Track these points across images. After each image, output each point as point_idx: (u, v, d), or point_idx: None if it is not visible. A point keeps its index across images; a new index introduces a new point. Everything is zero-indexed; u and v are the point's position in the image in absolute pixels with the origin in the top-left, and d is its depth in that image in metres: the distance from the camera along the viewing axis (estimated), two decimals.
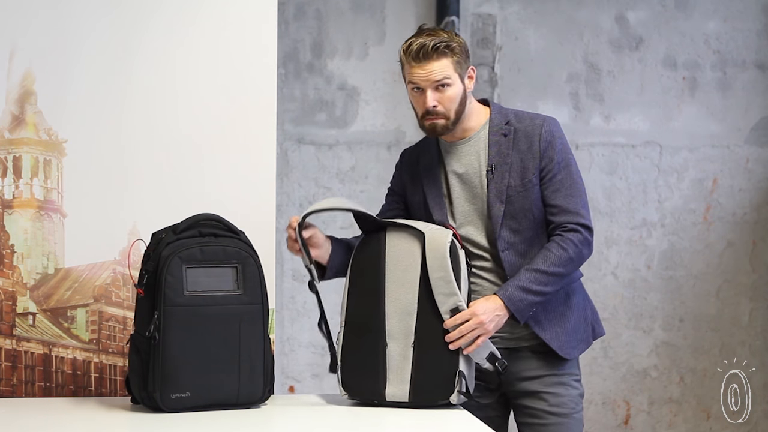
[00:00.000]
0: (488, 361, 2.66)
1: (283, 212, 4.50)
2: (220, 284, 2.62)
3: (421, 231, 2.71)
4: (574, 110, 4.68)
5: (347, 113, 4.57)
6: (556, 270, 2.70)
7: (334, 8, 4.55)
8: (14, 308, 2.91)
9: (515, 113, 2.82)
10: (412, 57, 2.69)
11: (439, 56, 2.68)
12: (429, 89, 2.69)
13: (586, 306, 2.84)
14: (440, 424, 2.57)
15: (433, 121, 2.71)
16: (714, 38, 4.77)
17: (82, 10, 2.93)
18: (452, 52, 2.69)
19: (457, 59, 2.70)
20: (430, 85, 2.68)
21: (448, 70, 2.69)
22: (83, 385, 2.94)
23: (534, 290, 2.68)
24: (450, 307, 2.65)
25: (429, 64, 2.68)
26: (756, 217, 4.80)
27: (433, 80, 2.68)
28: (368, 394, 2.72)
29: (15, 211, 2.93)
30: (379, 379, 2.69)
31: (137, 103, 2.96)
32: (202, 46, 2.99)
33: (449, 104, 2.71)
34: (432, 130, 2.73)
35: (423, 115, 2.72)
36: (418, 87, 2.70)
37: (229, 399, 2.63)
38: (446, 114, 2.71)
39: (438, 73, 2.68)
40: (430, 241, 2.69)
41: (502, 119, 2.79)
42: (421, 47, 2.67)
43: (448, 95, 2.70)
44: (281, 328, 4.52)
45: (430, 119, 2.71)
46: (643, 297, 4.75)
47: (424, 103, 2.70)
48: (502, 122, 2.79)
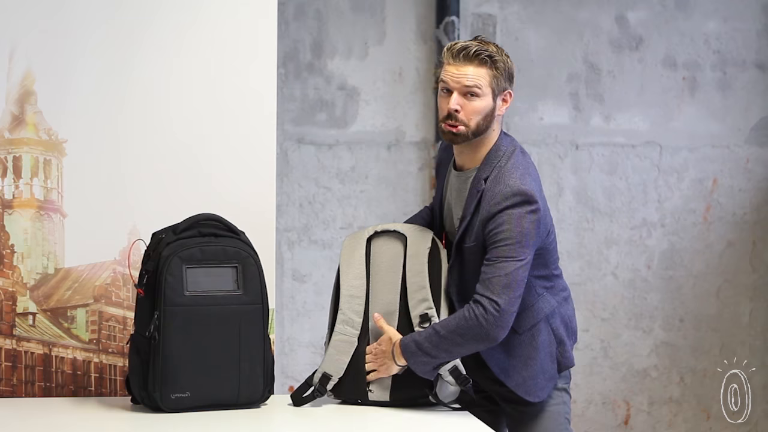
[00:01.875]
0: (451, 374, 2.63)
1: (283, 212, 4.50)
2: (220, 284, 2.62)
3: (403, 234, 2.74)
4: (574, 110, 4.68)
5: (347, 113, 4.57)
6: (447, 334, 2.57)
7: (334, 8, 4.55)
8: (14, 308, 2.91)
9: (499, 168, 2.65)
10: (452, 55, 2.61)
11: (479, 63, 2.60)
12: (456, 92, 2.61)
13: (551, 343, 2.72)
14: (441, 425, 2.57)
15: (451, 129, 2.62)
16: (714, 38, 4.77)
17: (83, 10, 2.92)
18: (494, 65, 2.61)
19: (496, 74, 2.61)
20: (460, 88, 2.60)
21: (482, 80, 2.60)
22: (83, 385, 2.93)
23: (423, 345, 2.60)
24: (420, 312, 2.67)
25: (465, 66, 2.60)
26: (756, 217, 4.80)
27: (464, 84, 2.60)
28: (353, 395, 2.73)
29: (15, 211, 2.93)
30: (363, 380, 2.70)
31: (137, 103, 2.96)
32: (201, 46, 2.99)
33: (472, 114, 2.62)
34: (450, 138, 2.65)
35: (443, 118, 2.64)
36: (448, 88, 2.63)
37: (229, 399, 2.63)
38: (466, 123, 2.62)
39: (471, 78, 2.60)
40: (411, 245, 2.72)
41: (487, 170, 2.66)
42: (464, 48, 2.61)
43: (473, 105, 2.61)
44: (281, 328, 4.52)
45: (450, 125, 2.62)
46: (643, 297, 4.74)
47: (447, 104, 2.62)
48: (483, 175, 2.66)
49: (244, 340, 2.63)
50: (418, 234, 2.74)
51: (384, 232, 2.78)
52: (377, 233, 2.78)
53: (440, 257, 2.71)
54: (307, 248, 4.53)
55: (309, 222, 4.55)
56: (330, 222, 4.55)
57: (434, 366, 2.61)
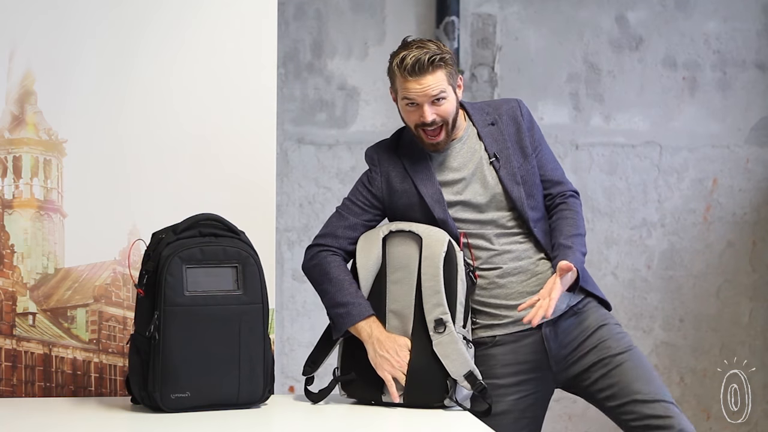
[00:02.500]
0: (466, 379, 2.64)
1: (283, 212, 4.50)
2: (220, 284, 2.62)
3: (419, 235, 2.72)
4: (574, 110, 4.68)
5: (347, 113, 4.57)
6: (584, 231, 2.81)
7: (334, 8, 4.55)
8: (14, 308, 2.91)
9: (486, 104, 2.88)
10: (407, 72, 2.67)
11: (435, 69, 2.67)
12: (426, 104, 2.68)
13: None
14: (441, 425, 2.57)
15: (434, 139, 2.72)
16: (714, 38, 4.77)
17: (82, 10, 2.93)
18: (446, 64, 2.69)
19: (450, 70, 2.71)
20: (427, 100, 2.68)
21: (443, 84, 2.69)
22: (83, 385, 2.93)
23: (584, 252, 2.76)
24: (434, 317, 2.66)
25: (425, 78, 2.67)
26: (756, 217, 4.80)
27: (430, 95, 2.68)
28: (366, 395, 2.72)
29: (15, 211, 2.93)
30: (377, 381, 2.69)
31: (137, 103, 2.96)
32: (202, 46, 2.99)
33: (446, 115, 2.71)
34: (435, 148, 2.75)
35: (418, 126, 2.72)
36: (414, 102, 2.69)
37: (229, 399, 2.63)
38: (445, 121, 2.71)
39: (434, 87, 2.67)
40: (426, 247, 2.71)
41: (481, 113, 2.84)
42: (417, 61, 2.66)
43: (444, 108, 2.71)
44: (281, 328, 4.52)
45: (431, 136, 2.72)
46: (643, 297, 4.74)
47: (420, 117, 2.69)
48: (482, 115, 2.83)
49: (244, 340, 2.63)
50: (433, 235, 2.72)
51: (399, 232, 2.77)
52: (392, 232, 2.78)
53: (456, 261, 2.70)
54: None
55: (309, 222, 4.55)
56: None
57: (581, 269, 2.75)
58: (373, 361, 2.68)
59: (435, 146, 2.75)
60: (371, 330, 2.70)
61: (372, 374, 2.69)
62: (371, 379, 2.70)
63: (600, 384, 2.78)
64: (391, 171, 2.83)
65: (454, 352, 2.64)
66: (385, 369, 2.67)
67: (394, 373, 2.67)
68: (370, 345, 2.69)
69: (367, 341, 2.69)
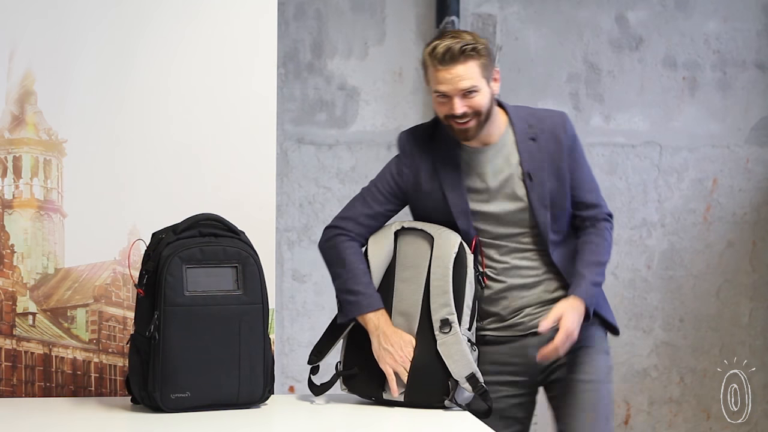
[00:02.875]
0: (468, 381, 2.64)
1: (283, 212, 4.50)
2: (220, 284, 2.62)
3: (431, 234, 2.72)
4: (574, 110, 4.68)
5: (347, 113, 4.57)
6: (607, 258, 2.78)
7: (334, 8, 4.55)
8: (14, 308, 2.91)
9: (530, 113, 2.79)
10: (438, 60, 2.62)
11: (466, 59, 2.61)
12: (456, 97, 2.63)
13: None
14: (441, 425, 2.57)
15: (464, 126, 2.65)
16: (714, 38, 4.77)
17: (82, 10, 2.93)
18: (479, 55, 2.63)
19: (484, 62, 2.64)
20: (457, 92, 2.63)
21: (475, 76, 2.62)
22: (83, 385, 2.93)
23: (599, 282, 2.74)
24: (441, 317, 2.66)
25: (455, 67, 2.61)
26: (756, 217, 4.80)
27: (461, 88, 2.62)
28: (367, 391, 2.73)
29: (15, 211, 2.93)
30: (379, 377, 2.69)
31: (137, 103, 2.96)
32: (201, 46, 2.99)
33: (478, 108, 2.65)
34: (464, 136, 2.68)
35: (448, 117, 2.66)
36: (445, 94, 2.64)
37: (229, 399, 2.63)
38: (477, 112, 2.65)
39: (465, 80, 2.61)
40: (438, 247, 2.70)
41: (524, 123, 2.76)
42: (447, 50, 2.61)
43: (476, 101, 2.64)
44: (281, 328, 4.52)
45: (461, 123, 2.65)
46: (643, 297, 4.74)
47: (451, 109, 2.64)
48: (525, 126, 2.75)
49: (244, 340, 2.63)
50: (444, 236, 2.71)
51: (411, 230, 2.76)
52: (404, 229, 2.77)
53: (466, 263, 2.70)
54: (307, 248, 4.53)
55: (309, 222, 4.55)
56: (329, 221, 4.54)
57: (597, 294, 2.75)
58: (377, 353, 2.68)
59: (465, 133, 2.67)
60: (378, 322, 2.69)
61: (374, 370, 2.69)
62: (373, 375, 2.70)
63: (554, 402, 2.82)
64: (422, 166, 2.78)
65: (458, 352, 2.64)
66: (387, 362, 2.67)
67: (396, 367, 2.67)
68: (376, 337, 2.68)
69: (372, 332, 2.69)
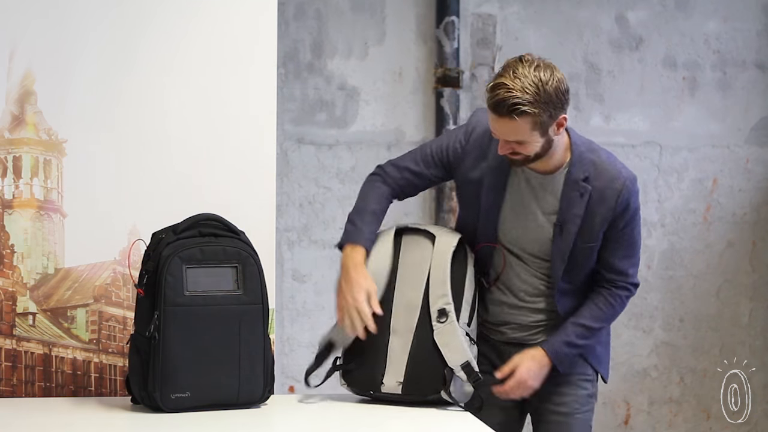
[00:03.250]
0: (463, 369, 2.65)
1: (283, 212, 4.50)
2: (220, 284, 2.62)
3: (433, 234, 2.75)
4: (574, 110, 4.67)
5: (347, 113, 4.57)
6: (600, 325, 2.78)
7: (334, 8, 4.55)
8: (14, 308, 2.91)
9: (595, 165, 2.68)
10: (490, 107, 2.54)
11: (515, 116, 2.50)
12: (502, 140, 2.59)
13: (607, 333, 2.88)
14: (441, 425, 2.57)
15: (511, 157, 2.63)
16: (714, 38, 4.77)
17: (82, 10, 2.92)
18: (530, 114, 2.50)
19: (537, 119, 2.52)
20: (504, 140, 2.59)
21: (523, 133, 2.53)
22: (83, 385, 2.93)
23: (577, 344, 2.74)
24: (438, 307, 2.68)
25: (503, 120, 2.52)
26: (756, 217, 4.80)
27: (506, 140, 2.58)
28: (366, 385, 2.73)
29: (15, 211, 2.93)
30: (377, 371, 2.70)
31: (137, 103, 2.96)
32: (201, 46, 2.99)
33: (526, 153, 2.60)
34: (511, 161, 2.65)
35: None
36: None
37: (229, 399, 2.63)
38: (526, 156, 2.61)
39: (511, 135, 2.55)
40: (439, 243, 2.73)
41: (582, 172, 2.67)
42: (499, 103, 2.50)
43: (523, 148, 2.59)
44: (281, 328, 4.52)
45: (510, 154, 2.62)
46: (643, 297, 4.74)
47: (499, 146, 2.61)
48: (580, 175, 2.67)
49: (244, 340, 2.63)
50: (445, 234, 2.76)
51: (415, 230, 2.78)
52: (408, 229, 2.79)
53: (466, 260, 2.73)
54: (307, 248, 4.53)
55: (309, 222, 4.55)
56: (330, 222, 4.54)
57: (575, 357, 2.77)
58: (336, 284, 2.71)
59: (513, 163, 2.66)
60: (352, 256, 2.70)
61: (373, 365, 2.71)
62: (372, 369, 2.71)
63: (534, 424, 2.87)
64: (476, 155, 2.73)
65: (453, 341, 2.66)
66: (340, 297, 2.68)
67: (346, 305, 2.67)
68: (342, 269, 2.70)
69: (341, 265, 2.71)
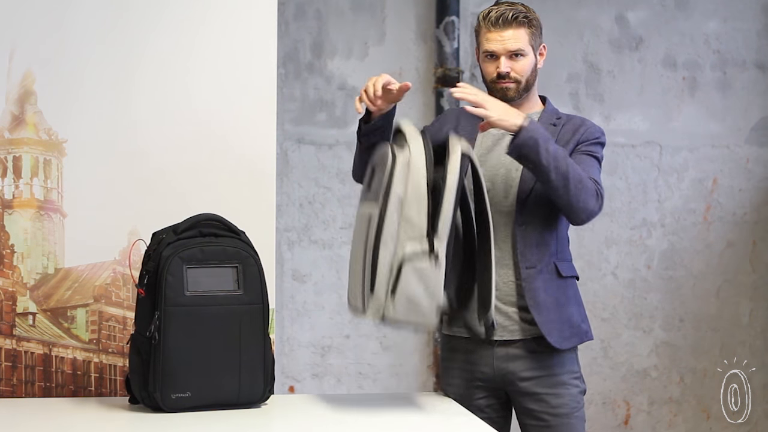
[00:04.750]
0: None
1: (283, 212, 4.50)
2: (221, 284, 2.62)
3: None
4: (574, 110, 4.68)
5: (347, 113, 4.57)
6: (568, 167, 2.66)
7: (334, 8, 4.55)
8: (14, 308, 2.91)
9: (567, 115, 2.91)
10: (491, 23, 2.78)
11: (518, 26, 2.78)
12: (503, 56, 2.78)
13: (579, 303, 2.85)
14: (441, 425, 2.57)
15: (505, 85, 2.78)
16: (714, 38, 4.77)
17: (83, 9, 2.93)
18: (530, 24, 2.80)
19: (533, 32, 2.81)
20: (505, 53, 2.78)
21: (524, 41, 2.78)
22: (83, 385, 2.93)
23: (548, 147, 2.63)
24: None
25: (506, 30, 2.77)
26: (756, 217, 4.80)
27: (509, 49, 2.78)
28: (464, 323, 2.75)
29: (15, 211, 2.93)
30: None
31: (137, 103, 2.96)
32: (202, 46, 2.99)
33: (521, 73, 2.80)
34: (503, 94, 2.79)
35: (493, 80, 2.79)
36: (492, 54, 2.78)
37: (229, 399, 2.63)
38: (518, 79, 2.79)
39: (514, 42, 2.77)
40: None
41: (554, 114, 2.88)
42: (501, 15, 2.77)
43: (521, 64, 2.79)
44: (281, 328, 4.52)
45: (503, 83, 2.78)
46: (643, 297, 4.75)
47: (497, 68, 2.78)
48: (553, 116, 2.87)
49: (244, 340, 2.63)
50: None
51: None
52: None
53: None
54: (307, 248, 4.53)
55: (309, 222, 4.55)
56: (330, 222, 4.55)
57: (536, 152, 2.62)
58: None
59: (505, 92, 2.79)
60: None
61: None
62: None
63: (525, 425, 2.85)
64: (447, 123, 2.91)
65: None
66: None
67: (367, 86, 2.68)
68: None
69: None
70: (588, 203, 2.69)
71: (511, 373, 2.78)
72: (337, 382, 4.56)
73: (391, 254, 2.46)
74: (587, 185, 2.70)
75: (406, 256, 2.45)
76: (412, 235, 2.46)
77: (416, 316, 2.48)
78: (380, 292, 2.45)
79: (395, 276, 2.45)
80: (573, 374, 2.82)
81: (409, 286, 2.45)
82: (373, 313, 2.47)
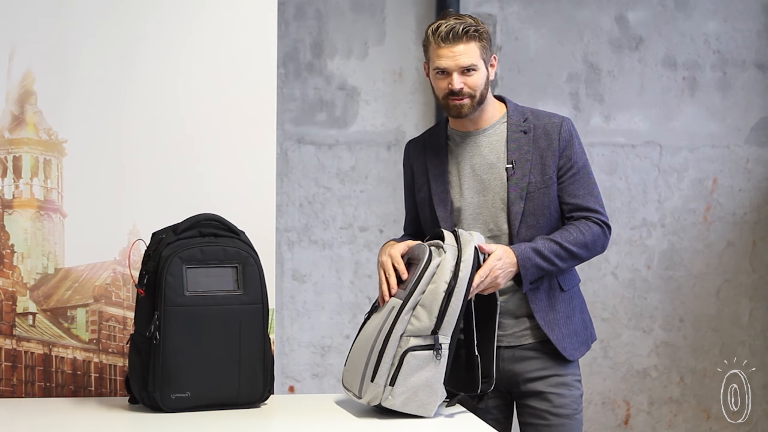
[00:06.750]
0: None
1: (283, 212, 4.50)
2: (221, 284, 2.62)
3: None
4: (574, 110, 4.68)
5: (347, 113, 4.57)
6: (570, 248, 2.74)
7: (334, 8, 4.55)
8: (14, 308, 2.91)
9: (531, 111, 2.85)
10: (441, 38, 2.71)
11: (468, 40, 2.71)
12: (455, 72, 2.71)
13: (584, 310, 2.87)
14: (441, 425, 2.57)
15: (458, 102, 2.73)
16: (714, 38, 4.77)
17: (83, 10, 2.93)
18: (480, 37, 2.73)
19: (484, 45, 2.74)
20: (457, 69, 2.71)
21: (475, 56, 2.72)
22: (83, 385, 2.94)
23: (545, 256, 2.71)
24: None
25: (457, 45, 2.70)
26: (756, 217, 4.80)
27: (461, 65, 2.71)
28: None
29: (15, 211, 2.93)
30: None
31: (137, 102, 2.96)
32: (202, 45, 2.99)
33: (474, 88, 2.74)
34: (458, 111, 2.75)
35: (446, 96, 2.74)
36: (443, 70, 2.72)
37: (229, 399, 2.63)
38: (472, 95, 2.74)
39: (465, 58, 2.71)
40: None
41: (520, 116, 2.82)
42: (451, 29, 2.70)
43: (473, 79, 2.73)
44: (281, 328, 4.52)
45: (456, 99, 2.73)
46: (643, 297, 4.74)
47: (449, 85, 2.72)
48: (520, 119, 2.82)
49: (244, 340, 2.63)
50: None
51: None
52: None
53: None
54: (307, 248, 4.53)
55: (309, 222, 4.55)
56: (330, 222, 4.54)
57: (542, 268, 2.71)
58: None
59: (459, 109, 2.74)
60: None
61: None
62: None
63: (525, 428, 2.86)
64: (415, 164, 2.90)
65: None
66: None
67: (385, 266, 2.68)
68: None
69: None
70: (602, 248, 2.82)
71: (517, 375, 2.80)
72: (337, 382, 4.56)
73: (395, 347, 2.56)
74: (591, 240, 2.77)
75: (409, 348, 2.55)
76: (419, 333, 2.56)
77: (415, 408, 2.57)
78: (380, 381, 2.56)
79: (396, 366, 2.55)
80: (575, 377, 2.83)
81: (409, 378, 2.55)
82: (369, 400, 2.59)
